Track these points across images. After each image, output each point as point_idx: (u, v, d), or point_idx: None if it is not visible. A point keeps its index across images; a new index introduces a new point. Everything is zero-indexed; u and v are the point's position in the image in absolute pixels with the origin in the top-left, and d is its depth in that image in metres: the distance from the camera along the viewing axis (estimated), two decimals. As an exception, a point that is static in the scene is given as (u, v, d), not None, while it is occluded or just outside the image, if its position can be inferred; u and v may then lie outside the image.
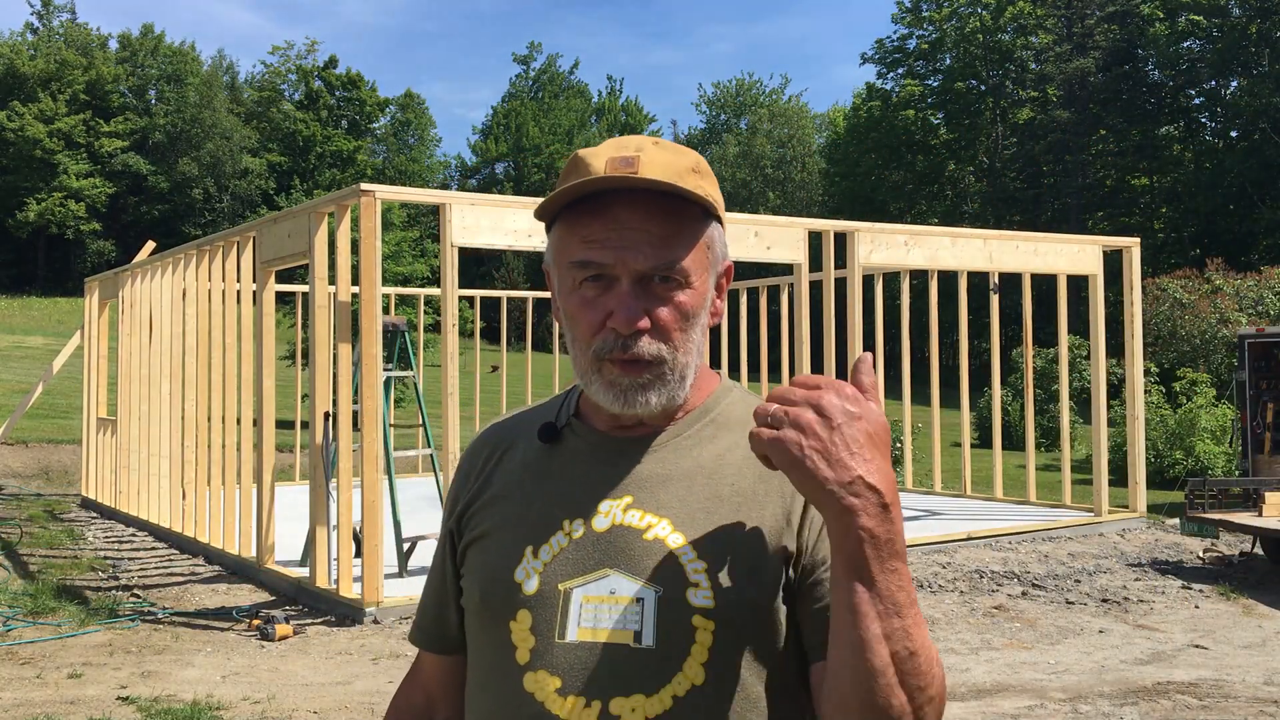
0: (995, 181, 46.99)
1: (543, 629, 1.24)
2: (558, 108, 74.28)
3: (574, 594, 1.24)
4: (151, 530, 10.92)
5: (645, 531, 1.26)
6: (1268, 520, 8.88)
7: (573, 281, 1.27)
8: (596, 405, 1.33)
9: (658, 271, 1.25)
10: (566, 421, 1.37)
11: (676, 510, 1.27)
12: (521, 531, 1.30)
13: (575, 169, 1.28)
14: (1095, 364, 11.15)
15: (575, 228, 1.27)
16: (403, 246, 23.50)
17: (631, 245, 1.24)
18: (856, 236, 9.62)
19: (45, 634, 6.99)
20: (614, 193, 1.25)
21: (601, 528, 1.27)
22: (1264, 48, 39.63)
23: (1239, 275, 20.99)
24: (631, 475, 1.31)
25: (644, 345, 1.25)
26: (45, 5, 65.59)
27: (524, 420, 1.43)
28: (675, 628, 1.21)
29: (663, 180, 1.22)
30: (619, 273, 1.24)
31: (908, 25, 50.69)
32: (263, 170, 62.16)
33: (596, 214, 1.25)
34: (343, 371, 7.71)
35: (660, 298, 1.25)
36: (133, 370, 11.49)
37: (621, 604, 1.23)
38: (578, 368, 1.30)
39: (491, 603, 1.28)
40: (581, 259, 1.26)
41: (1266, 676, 6.19)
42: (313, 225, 7.79)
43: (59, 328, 40.96)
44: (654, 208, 1.25)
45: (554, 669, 1.22)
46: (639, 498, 1.29)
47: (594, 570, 1.25)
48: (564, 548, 1.27)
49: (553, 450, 1.36)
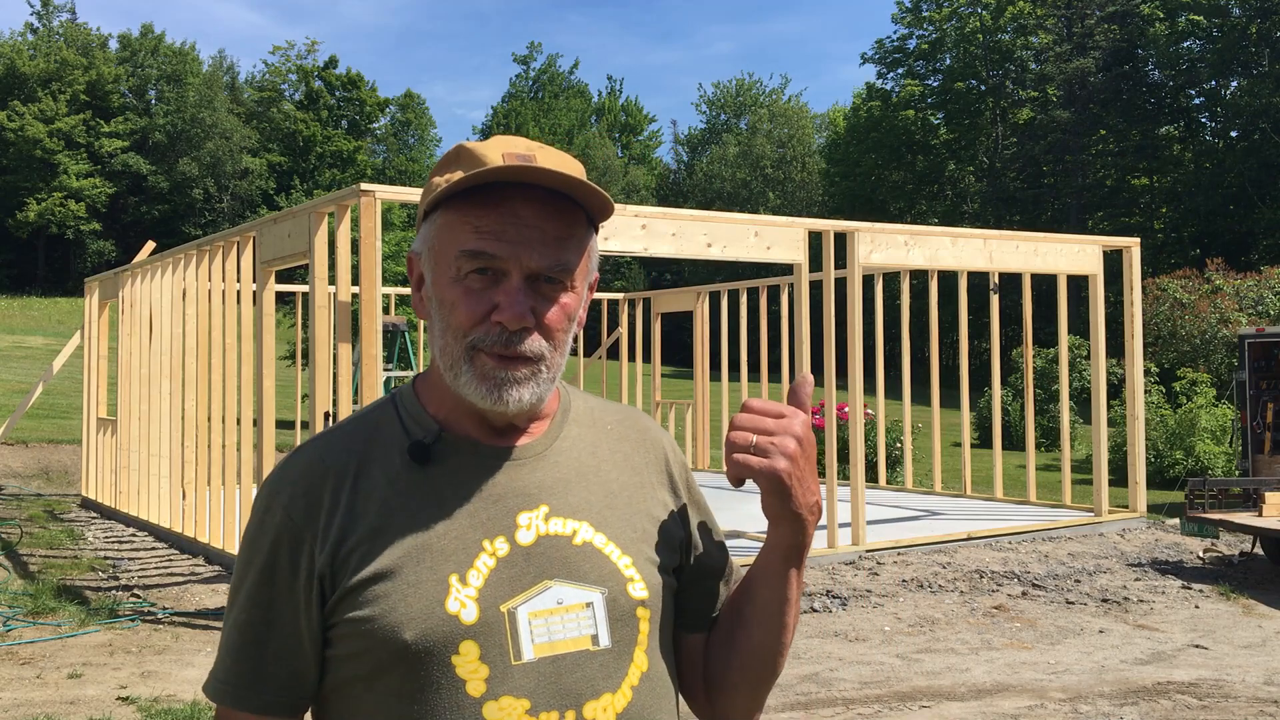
0: (995, 181, 46.99)
1: (494, 655, 1.20)
2: (558, 108, 74.28)
3: (519, 613, 1.22)
4: (151, 530, 10.92)
5: (573, 537, 1.28)
6: (1268, 520, 8.88)
7: (457, 270, 1.24)
8: (458, 415, 1.29)
9: (549, 271, 1.24)
10: (436, 437, 1.28)
11: (588, 511, 1.30)
12: (438, 560, 1.21)
13: (463, 159, 1.26)
14: (1095, 364, 11.15)
15: (467, 216, 1.24)
16: (403, 246, 23.48)
17: (527, 241, 1.22)
18: (856, 236, 9.62)
19: (45, 634, 6.99)
20: (511, 187, 1.23)
21: (527, 541, 1.25)
22: (1264, 48, 39.63)
23: (1239, 275, 20.98)
24: (535, 483, 1.29)
25: (529, 343, 1.24)
26: (45, 5, 65.60)
27: (355, 440, 1.30)
28: (623, 623, 1.26)
29: (569, 174, 1.22)
30: (510, 267, 1.23)
31: (908, 25, 50.70)
32: (263, 170, 62.20)
33: (493, 206, 1.23)
34: (343, 371, 7.71)
35: (547, 297, 1.25)
36: (133, 370, 11.49)
37: (572, 612, 1.24)
38: (446, 358, 1.26)
39: (428, 641, 1.18)
40: (474, 249, 1.23)
41: (1266, 676, 6.19)
42: (313, 225, 7.80)
43: (59, 328, 40.96)
44: (551, 208, 1.24)
45: (519, 691, 1.20)
46: (554, 505, 1.29)
47: (533, 585, 1.23)
48: (493, 568, 1.23)
49: (429, 469, 1.27)
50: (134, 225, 58.32)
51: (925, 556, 9.39)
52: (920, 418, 15.90)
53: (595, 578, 1.26)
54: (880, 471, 14.58)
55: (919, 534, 10.04)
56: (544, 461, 1.31)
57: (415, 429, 1.30)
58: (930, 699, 5.70)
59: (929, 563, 9.14)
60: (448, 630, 1.19)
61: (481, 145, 1.25)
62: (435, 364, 1.31)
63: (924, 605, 7.76)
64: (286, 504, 1.25)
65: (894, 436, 15.09)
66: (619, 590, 1.27)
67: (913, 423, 14.05)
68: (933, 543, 9.77)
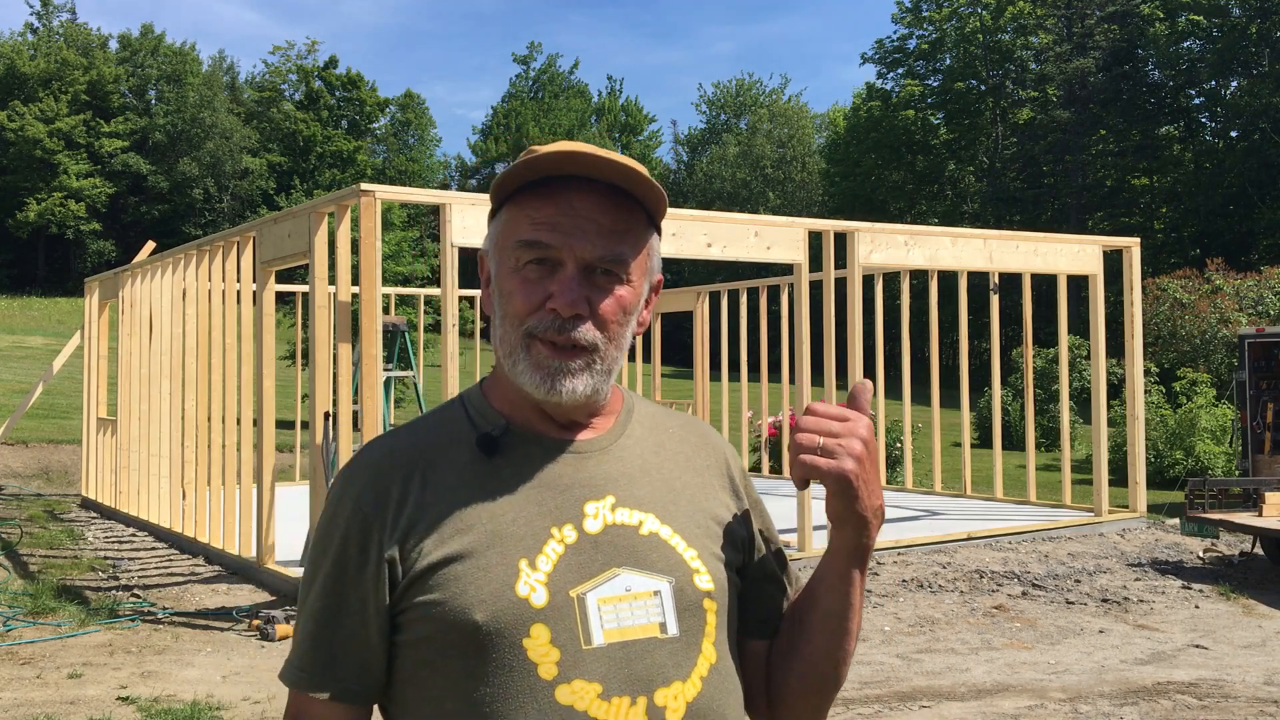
0: (995, 181, 46.98)
1: (565, 639, 1.22)
2: (558, 108, 74.26)
3: (588, 598, 1.24)
4: (151, 530, 10.92)
5: (639, 527, 1.30)
6: (1268, 520, 8.88)
7: (515, 261, 1.27)
8: (523, 410, 1.32)
9: (604, 262, 1.26)
10: (503, 430, 1.31)
11: (654, 504, 1.32)
12: (508, 545, 1.24)
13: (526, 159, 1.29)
14: (1095, 364, 11.15)
15: (525, 209, 1.27)
16: (403, 246, 23.47)
17: (581, 232, 1.25)
18: (856, 236, 9.62)
19: (45, 634, 6.99)
20: (569, 181, 1.26)
21: (595, 529, 1.28)
22: (1264, 48, 39.62)
23: (1239, 275, 20.99)
24: (602, 475, 1.32)
25: (582, 331, 1.26)
26: (45, 5, 65.55)
27: (423, 437, 1.34)
28: (691, 613, 1.28)
29: (621, 162, 1.24)
30: (565, 257, 1.25)
31: (908, 25, 50.68)
32: (263, 170, 62.16)
33: (548, 197, 1.26)
34: (343, 371, 7.71)
35: (602, 288, 1.27)
36: (133, 370, 11.49)
37: (640, 599, 1.26)
38: (504, 347, 1.29)
39: (499, 623, 1.21)
40: (529, 239, 1.26)
41: (1266, 676, 6.19)
42: (313, 225, 7.80)
43: (59, 328, 40.95)
44: (606, 201, 1.27)
45: (591, 675, 1.21)
46: (620, 496, 1.31)
47: (602, 571, 1.26)
48: (561, 555, 1.25)
49: (497, 461, 1.30)
50: (134, 225, 58.28)
51: (925, 556, 9.39)
52: (920, 418, 15.90)
53: (662, 567, 1.28)
54: (880, 471, 14.55)
55: (919, 534, 10.04)
56: (609, 455, 1.34)
57: (482, 423, 1.33)
58: (930, 699, 5.70)
59: (929, 563, 9.14)
60: (518, 613, 1.21)
61: (544, 147, 1.29)
62: (500, 363, 1.34)
63: (924, 605, 7.76)
64: (357, 495, 1.29)
65: (894, 436, 15.09)
66: (686, 580, 1.28)
67: (913, 423, 14.05)
68: (933, 543, 9.77)
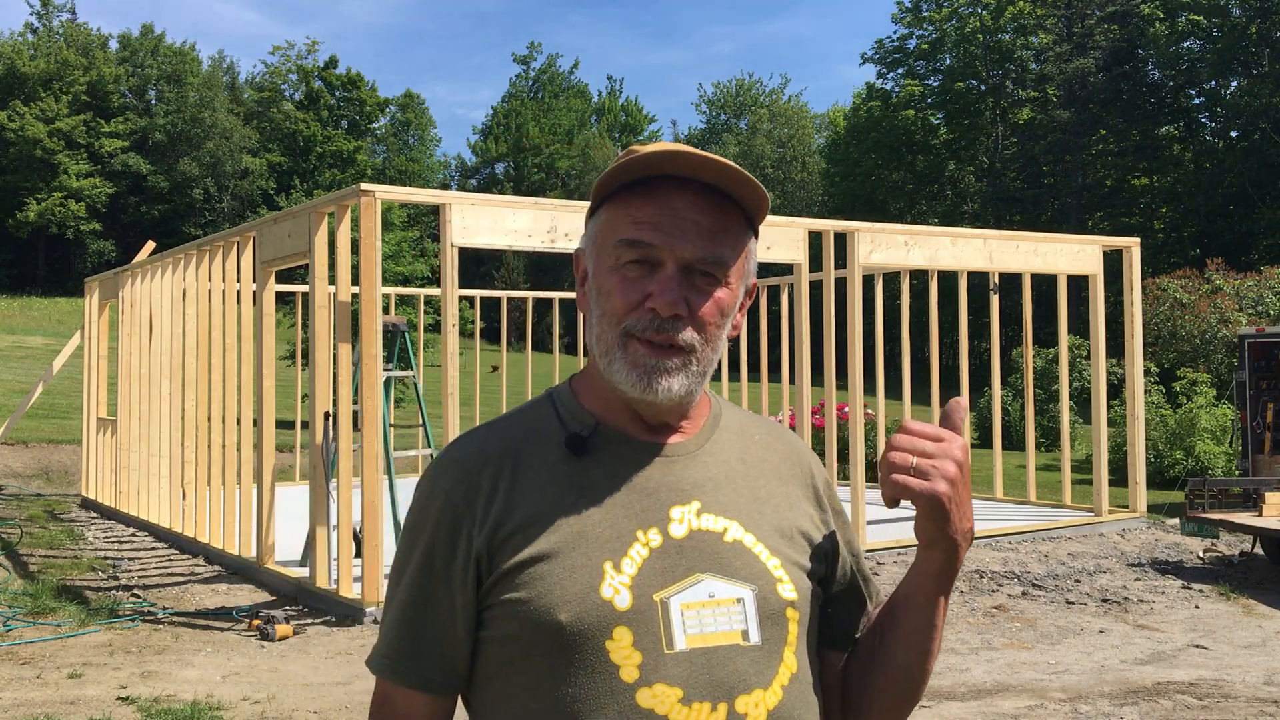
0: (995, 181, 46.99)
1: (647, 643, 1.21)
2: (558, 108, 74.26)
3: (671, 603, 1.24)
4: (151, 530, 10.92)
5: (724, 534, 1.30)
6: (1268, 520, 8.88)
7: (615, 259, 1.28)
8: (613, 410, 1.32)
9: (703, 264, 1.26)
10: (592, 430, 1.31)
11: (738, 512, 1.32)
12: (593, 547, 1.24)
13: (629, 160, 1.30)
14: (1095, 364, 11.15)
15: (626, 208, 1.28)
16: (403, 246, 23.47)
17: (682, 232, 1.25)
18: (856, 236, 9.62)
19: (45, 634, 6.99)
20: (669, 181, 1.27)
21: (680, 534, 1.28)
22: (1264, 48, 39.62)
23: (1239, 275, 20.98)
24: (688, 480, 1.32)
25: (680, 332, 1.26)
26: (45, 5, 65.55)
27: (513, 433, 1.34)
28: (773, 622, 1.28)
29: (722, 160, 1.25)
30: (665, 257, 1.25)
31: (908, 25, 50.69)
32: (263, 170, 62.17)
33: (649, 197, 1.27)
34: (343, 371, 7.71)
35: (700, 290, 1.27)
36: (133, 370, 11.49)
37: (723, 606, 1.26)
38: (601, 344, 1.29)
39: (582, 624, 1.21)
40: (630, 238, 1.26)
41: (1266, 676, 6.19)
42: (313, 225, 7.80)
43: (59, 328, 40.94)
44: (706, 202, 1.27)
45: (672, 680, 1.21)
46: (706, 502, 1.31)
47: (685, 577, 1.25)
48: (645, 558, 1.25)
49: (584, 462, 1.30)
50: (134, 225, 58.27)
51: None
52: (920, 418, 15.87)
53: (746, 575, 1.28)
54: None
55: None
56: (696, 460, 1.33)
57: (572, 422, 1.33)
58: (930, 699, 5.70)
59: (929, 563, 9.13)
60: (602, 615, 1.21)
61: (646, 147, 1.29)
62: (591, 361, 1.35)
63: (924, 605, 7.75)
64: (448, 489, 1.30)
65: (894, 436, 15.06)
66: (769, 589, 1.28)
67: (913, 423, 14.03)
68: (933, 543, 9.75)
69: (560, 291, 18.08)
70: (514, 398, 18.27)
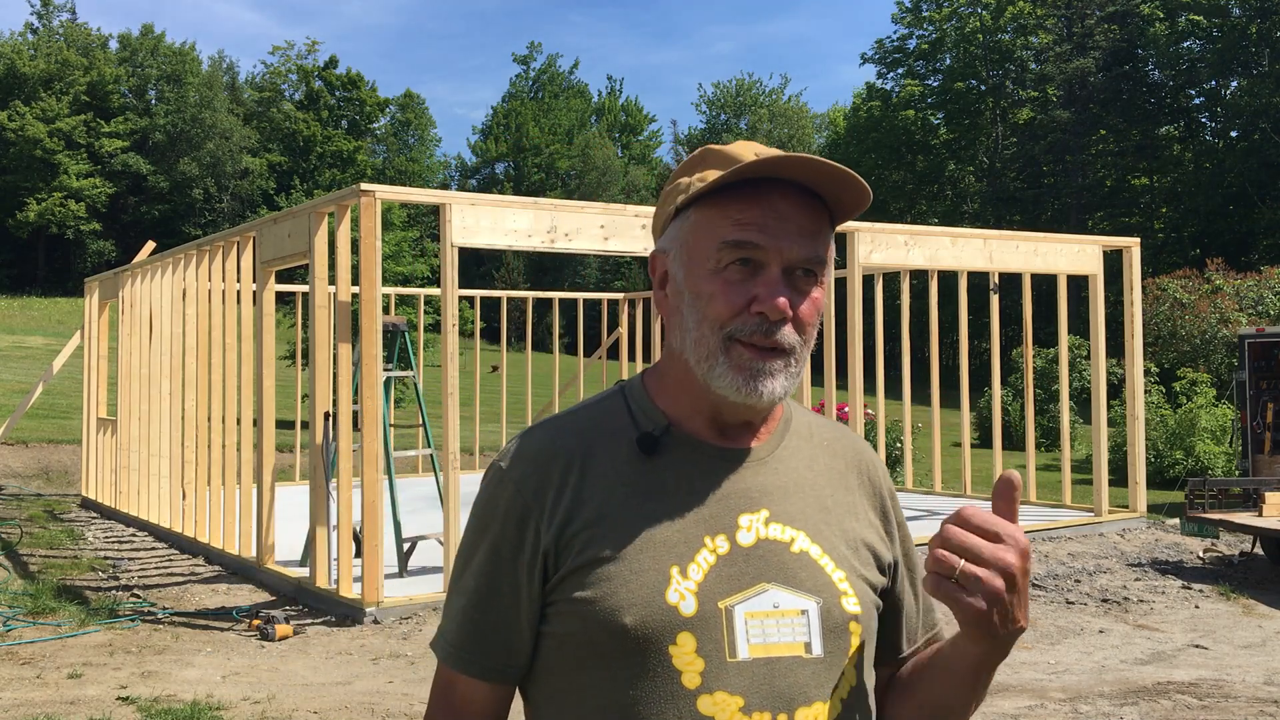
0: (995, 181, 46.99)
1: (710, 650, 1.21)
2: (558, 108, 74.29)
3: (736, 611, 1.23)
4: (151, 530, 10.92)
5: (791, 544, 1.29)
6: (1268, 520, 8.88)
7: (717, 262, 1.26)
8: (687, 411, 1.31)
9: (806, 264, 1.26)
10: (664, 430, 1.30)
11: (805, 522, 1.31)
12: (661, 551, 1.23)
13: (711, 160, 1.29)
14: (1095, 364, 11.14)
15: (726, 210, 1.26)
16: (403, 246, 23.48)
17: (787, 233, 1.25)
18: (856, 236, 9.62)
19: (45, 634, 6.99)
20: (766, 183, 1.26)
21: (747, 542, 1.26)
22: (1264, 48, 39.62)
23: (1239, 275, 20.99)
24: (758, 487, 1.30)
25: (786, 333, 1.25)
26: (45, 5, 65.57)
27: (584, 427, 1.33)
28: (836, 635, 1.26)
29: (830, 162, 1.25)
30: (770, 258, 1.25)
31: (908, 25, 50.71)
32: (263, 170, 62.19)
33: (751, 199, 1.26)
34: (343, 371, 7.70)
35: (801, 290, 1.27)
36: (133, 370, 11.49)
37: (788, 617, 1.25)
38: (701, 349, 1.26)
39: (647, 628, 1.20)
40: (737, 239, 1.25)
41: (1266, 676, 6.19)
42: (313, 225, 7.79)
43: (59, 328, 40.94)
44: (803, 203, 1.27)
45: (733, 689, 1.20)
46: (774, 510, 1.30)
47: (751, 586, 1.24)
48: (712, 565, 1.24)
49: (655, 462, 1.29)
50: (134, 225, 58.28)
51: (925, 556, 9.38)
52: (920, 417, 15.89)
53: (811, 586, 1.27)
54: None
55: (919, 534, 9.99)
56: (766, 467, 1.32)
57: (644, 421, 1.32)
58: (930, 699, 5.69)
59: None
60: (667, 620, 1.20)
61: (729, 147, 1.29)
62: (667, 360, 1.33)
63: (924, 605, 7.75)
64: (518, 480, 1.29)
65: (894, 436, 15.08)
66: (833, 602, 1.27)
67: (913, 422, 14.04)
68: (933, 543, 9.76)
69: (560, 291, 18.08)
70: (514, 398, 18.27)
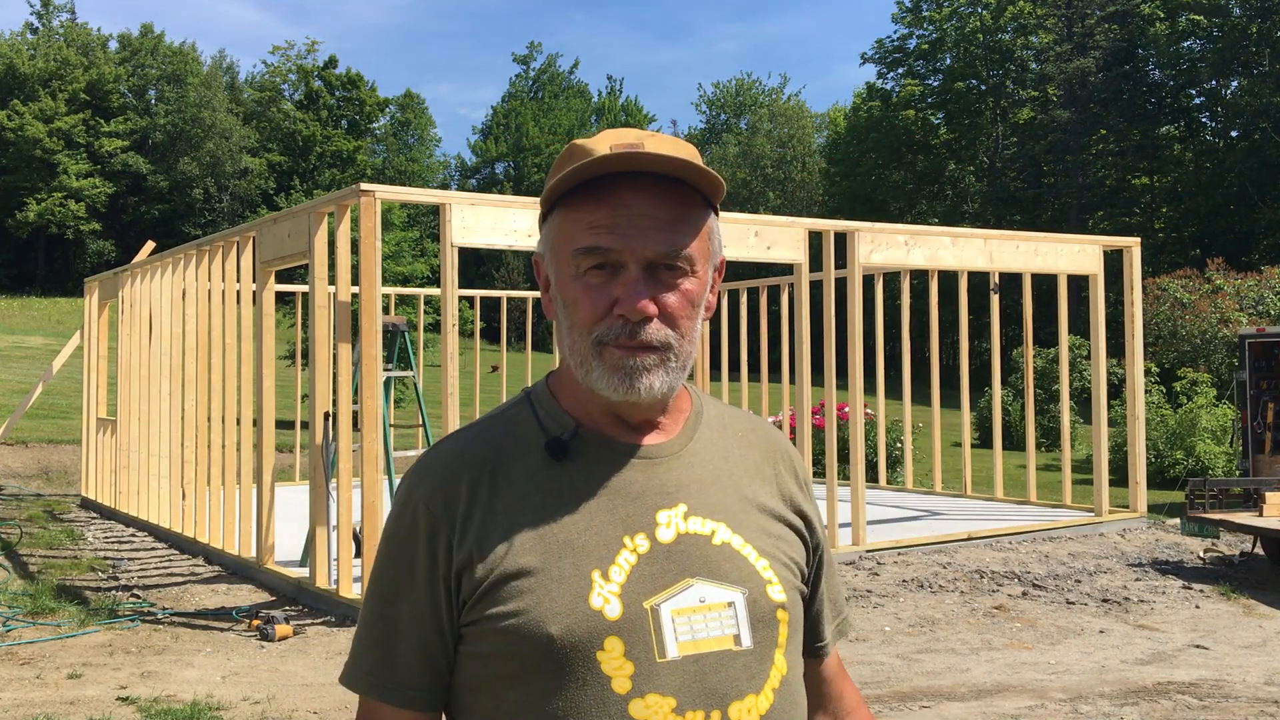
0: (995, 181, 46.98)
1: (639, 652, 1.19)
2: (558, 108, 74.28)
3: (662, 610, 1.21)
4: (151, 530, 10.91)
5: (712, 536, 1.27)
6: (1268, 520, 8.88)
7: (575, 269, 1.24)
8: (593, 412, 1.29)
9: (665, 258, 1.23)
10: (573, 434, 1.28)
11: (724, 513, 1.29)
12: (580, 556, 1.21)
13: (574, 156, 1.25)
14: (1095, 364, 11.14)
15: (579, 214, 1.23)
16: (403, 246, 23.50)
17: (639, 231, 1.21)
18: (857, 236, 9.62)
19: (45, 634, 6.99)
20: (619, 177, 1.22)
21: (667, 539, 1.25)
22: (1264, 48, 39.61)
23: (1239, 275, 20.99)
24: (674, 482, 1.28)
25: (652, 331, 1.22)
26: (45, 5, 65.54)
27: (493, 437, 1.30)
28: (764, 624, 1.25)
29: (676, 156, 1.20)
30: (626, 259, 1.22)
31: (908, 25, 50.69)
32: (263, 170, 62.15)
33: (602, 199, 1.22)
34: (343, 371, 7.70)
35: (667, 284, 1.24)
36: (133, 370, 11.49)
37: (714, 611, 1.23)
38: (575, 356, 1.25)
39: (573, 636, 1.18)
40: (588, 245, 1.22)
41: (1267, 676, 6.18)
42: (313, 225, 7.79)
43: (59, 328, 40.94)
44: (660, 193, 1.23)
45: (665, 690, 1.19)
46: (692, 504, 1.28)
47: (675, 582, 1.23)
48: (634, 565, 1.22)
49: (566, 467, 1.26)
50: (134, 225, 58.28)
51: (925, 557, 9.38)
52: (920, 418, 15.90)
53: (736, 578, 1.25)
54: (880, 471, 14.57)
55: (919, 534, 10.03)
56: (680, 461, 1.30)
57: (552, 426, 1.29)
58: (930, 699, 5.70)
59: (929, 563, 9.13)
60: (592, 625, 1.18)
61: (591, 140, 1.25)
62: (568, 366, 1.31)
63: (924, 605, 7.76)
64: (425, 497, 1.26)
65: (894, 436, 15.09)
66: (759, 591, 1.26)
67: (913, 423, 14.05)
68: (933, 543, 9.77)
69: (560, 291, 18.07)
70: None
